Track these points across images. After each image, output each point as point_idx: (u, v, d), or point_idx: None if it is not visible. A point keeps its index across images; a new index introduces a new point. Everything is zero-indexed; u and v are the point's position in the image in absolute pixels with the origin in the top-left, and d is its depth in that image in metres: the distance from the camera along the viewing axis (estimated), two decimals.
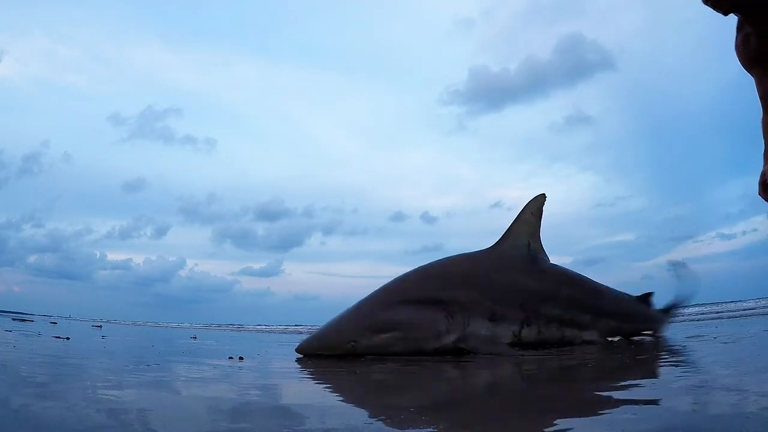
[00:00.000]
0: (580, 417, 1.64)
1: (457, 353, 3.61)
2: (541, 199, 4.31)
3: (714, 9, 3.03)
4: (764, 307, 13.82)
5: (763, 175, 2.81)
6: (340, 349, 3.62)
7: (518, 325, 3.85)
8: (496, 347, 3.61)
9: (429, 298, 3.78)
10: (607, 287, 4.72)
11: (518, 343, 3.85)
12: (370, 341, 3.60)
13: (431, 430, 1.50)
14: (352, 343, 3.59)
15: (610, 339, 4.59)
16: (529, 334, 3.90)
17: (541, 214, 4.28)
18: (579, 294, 4.26)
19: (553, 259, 4.62)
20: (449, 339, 3.65)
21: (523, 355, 3.53)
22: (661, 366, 2.91)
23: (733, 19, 2.25)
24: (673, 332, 5.19)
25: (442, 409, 1.83)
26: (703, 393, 1.89)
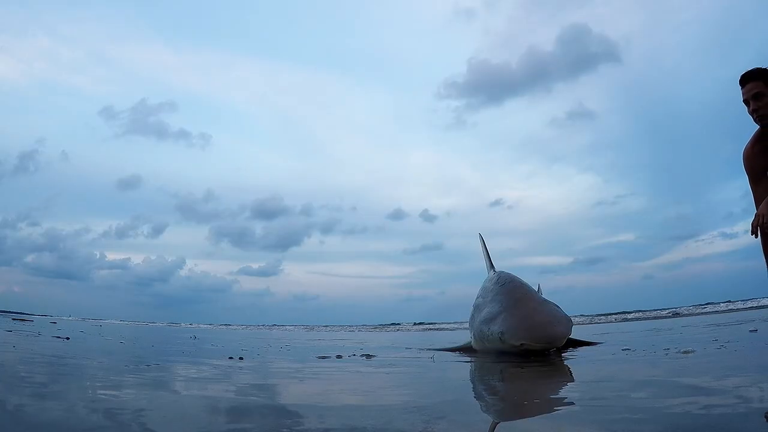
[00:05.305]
0: (577, 416, 1.64)
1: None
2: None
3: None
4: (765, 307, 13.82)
5: (757, 217, 3.00)
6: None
7: None
8: None
9: None
10: None
11: None
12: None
13: (431, 429, 1.50)
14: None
15: None
16: None
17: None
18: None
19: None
20: None
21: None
22: (654, 367, 2.90)
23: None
24: (661, 335, 5.18)
25: (440, 411, 1.83)
26: (702, 394, 1.89)
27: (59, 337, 5.82)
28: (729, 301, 18.06)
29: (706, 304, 18.77)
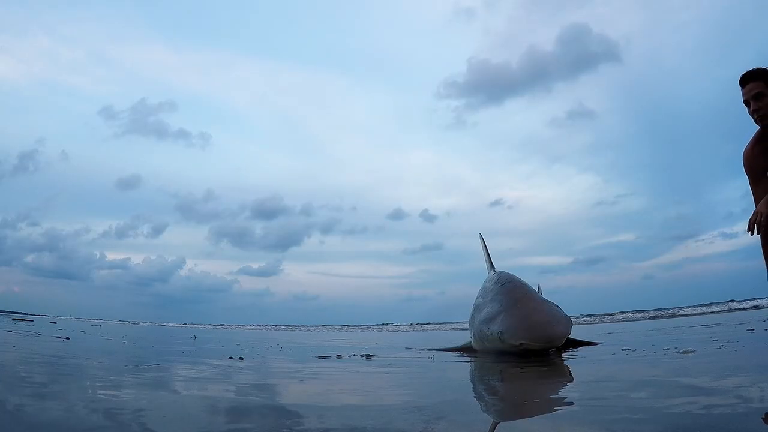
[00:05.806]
0: (577, 417, 1.64)
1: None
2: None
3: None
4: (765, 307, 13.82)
5: (755, 215, 2.98)
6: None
7: None
8: None
9: None
10: None
11: None
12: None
13: (431, 429, 1.50)
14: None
15: None
16: None
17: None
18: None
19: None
20: None
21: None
22: (654, 367, 2.90)
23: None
24: (656, 336, 5.18)
25: (440, 411, 1.83)
26: (702, 394, 1.89)
27: (59, 337, 5.82)
28: (732, 301, 18.05)
29: (708, 304, 18.74)
